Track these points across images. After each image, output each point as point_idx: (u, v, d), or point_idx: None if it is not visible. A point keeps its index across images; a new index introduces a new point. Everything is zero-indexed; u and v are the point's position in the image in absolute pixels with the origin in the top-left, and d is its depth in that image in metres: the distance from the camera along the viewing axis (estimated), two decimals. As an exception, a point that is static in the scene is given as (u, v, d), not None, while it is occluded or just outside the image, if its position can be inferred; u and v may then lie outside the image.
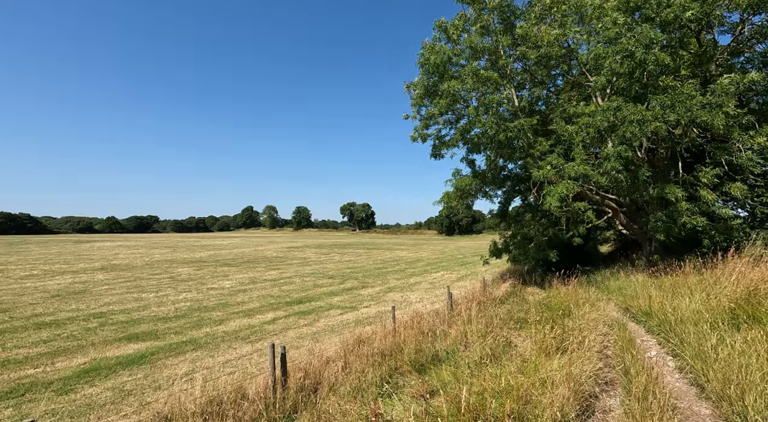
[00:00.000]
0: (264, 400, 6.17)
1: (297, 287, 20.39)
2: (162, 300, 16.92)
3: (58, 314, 14.25)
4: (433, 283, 21.63)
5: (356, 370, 7.12)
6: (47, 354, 9.95)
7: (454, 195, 15.32)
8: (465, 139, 14.75)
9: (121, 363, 9.41)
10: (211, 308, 15.34)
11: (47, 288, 19.66)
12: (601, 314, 8.31)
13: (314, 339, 11.09)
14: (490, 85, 13.59)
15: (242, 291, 19.03)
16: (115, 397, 7.55)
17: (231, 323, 13.11)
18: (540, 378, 4.79)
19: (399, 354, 7.83)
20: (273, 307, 15.53)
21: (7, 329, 12.21)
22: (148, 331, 12.08)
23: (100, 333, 11.85)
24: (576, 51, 14.71)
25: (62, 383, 8.20)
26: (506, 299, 12.48)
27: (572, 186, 12.02)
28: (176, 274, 25.39)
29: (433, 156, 16.15)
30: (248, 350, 10.41)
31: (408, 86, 15.31)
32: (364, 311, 14.91)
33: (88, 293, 18.49)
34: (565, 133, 13.16)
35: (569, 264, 15.83)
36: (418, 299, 16.97)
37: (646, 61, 11.32)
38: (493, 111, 13.23)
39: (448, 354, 7.42)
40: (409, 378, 6.70)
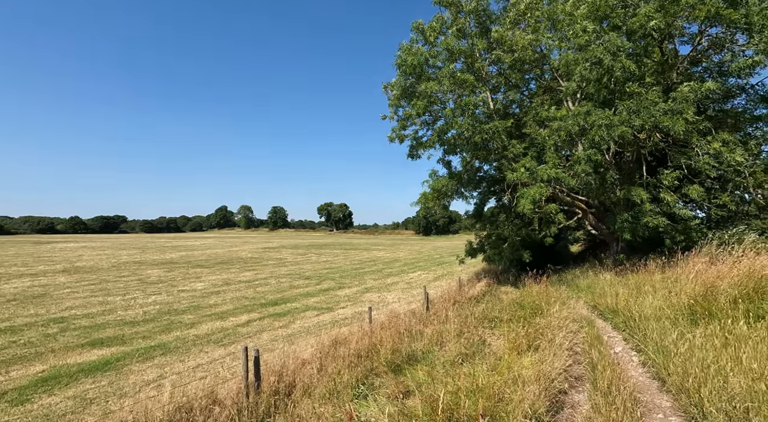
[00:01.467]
0: (236, 405, 6.02)
1: (272, 288, 20.04)
2: (129, 303, 16.26)
3: (14, 319, 13.45)
4: (410, 283, 21.75)
5: (332, 372, 7.06)
6: (1, 363, 9.37)
7: (431, 196, 15.45)
8: (442, 140, 14.91)
9: (84, 370, 8.97)
10: (182, 311, 14.86)
11: (2, 292, 18.51)
12: (571, 312, 8.57)
13: (289, 341, 10.93)
14: (467, 88, 13.79)
15: (215, 293, 18.53)
16: (75, 406, 7.18)
17: (203, 326, 12.74)
18: (512, 376, 4.89)
19: (375, 354, 7.81)
20: (247, 309, 15.20)
21: (-43, 337, 11.42)
22: (113, 336, 11.57)
23: (61, 339, 11.26)
24: (548, 56, 15.15)
25: (17, 393, 7.74)
26: (481, 298, 12.69)
27: (545, 189, 12.36)
28: (145, 276, 24.45)
29: (410, 156, 16.24)
30: (221, 354, 10.14)
31: (386, 87, 15.34)
32: (341, 312, 14.82)
33: (48, 297, 17.54)
34: (538, 137, 13.53)
35: (542, 263, 16.28)
36: (395, 299, 17.02)
37: (614, 68, 11.78)
38: (469, 113, 13.44)
39: (424, 354, 7.46)
40: (385, 379, 6.69)
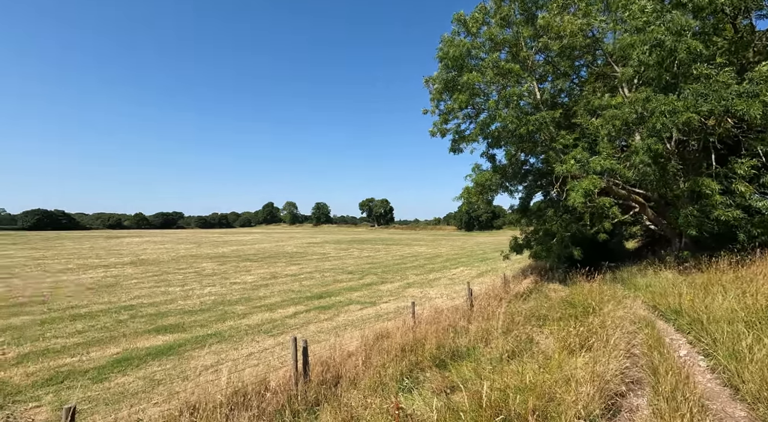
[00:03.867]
0: (287, 392, 6.30)
1: (317, 282, 20.65)
2: (188, 293, 17.46)
3: (91, 306, 14.91)
4: (452, 279, 21.51)
5: (377, 365, 7.18)
6: (83, 345, 10.44)
7: (474, 190, 15.13)
8: (485, 134, 14.52)
9: (151, 353, 9.78)
10: (235, 302, 15.73)
11: (81, 282, 20.59)
12: (627, 312, 8.08)
13: (335, 334, 11.23)
14: (511, 78, 13.31)
15: (264, 286, 19.42)
16: (145, 386, 7.86)
17: (254, 317, 13.41)
18: (563, 375, 4.71)
19: (419, 349, 7.85)
20: (294, 302, 15.79)
21: (46, 320, 12.87)
22: (175, 324, 12.49)
23: (131, 325, 12.34)
24: (601, 41, 14.22)
25: (97, 372, 8.60)
26: (528, 296, 12.29)
27: (597, 181, 11.68)
28: (201, 269, 26.13)
29: (452, 151, 15.99)
30: (271, 343, 10.63)
31: (427, 81, 15.17)
32: (384, 306, 14.99)
33: (118, 286, 19.26)
34: (589, 126, 12.78)
35: (593, 260, 15.43)
36: (437, 295, 16.92)
37: (677, 50, 10.83)
38: (513, 104, 12.97)
39: (469, 351, 7.37)
40: (430, 374, 6.70)
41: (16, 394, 7.39)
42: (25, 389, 7.68)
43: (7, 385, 7.85)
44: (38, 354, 9.70)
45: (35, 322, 12.62)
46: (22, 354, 9.63)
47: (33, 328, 11.94)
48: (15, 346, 10.25)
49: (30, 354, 9.70)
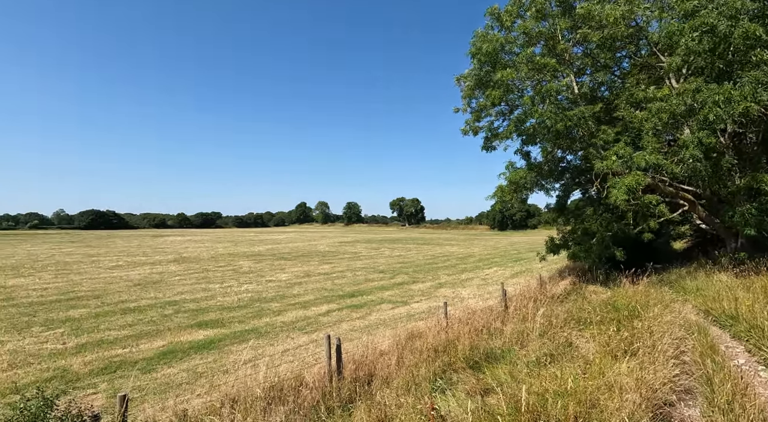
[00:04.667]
0: (321, 389, 6.42)
1: (349, 281, 20.90)
2: (226, 290, 18.18)
3: (139, 301, 15.86)
4: (485, 279, 21.11)
5: (409, 364, 7.17)
6: (132, 337, 11.13)
7: (508, 189, 14.74)
8: (519, 131, 14.11)
9: (193, 347, 10.26)
10: (270, 299, 16.20)
11: (130, 278, 21.94)
12: (676, 316, 7.60)
13: (367, 333, 11.32)
14: (547, 73, 12.85)
15: (298, 284, 19.88)
16: (189, 378, 8.26)
17: (288, 314, 13.76)
18: (606, 381, 4.50)
19: (452, 350, 7.76)
20: (327, 300, 16.06)
21: (100, 313, 13.82)
22: (215, 319, 13.05)
23: (175, 320, 13.01)
24: (645, 29, 13.44)
25: (145, 363, 9.13)
26: (566, 297, 11.84)
27: (642, 177, 11.05)
28: (238, 267, 27.12)
29: (484, 149, 15.67)
30: (305, 340, 10.87)
31: (458, 78, 14.95)
32: (415, 306, 14.94)
33: (163, 283, 20.36)
34: (633, 120, 12.12)
35: (637, 261, 14.63)
36: (470, 295, 16.66)
37: (732, 35, 10.06)
38: (550, 99, 12.52)
39: (504, 353, 7.21)
40: (463, 375, 6.61)
41: (75, 381, 7.99)
42: (83, 377, 8.29)
43: (68, 372, 8.50)
44: (94, 344, 10.44)
45: (91, 315, 13.58)
46: (80, 345, 10.40)
47: (89, 320, 12.86)
48: (74, 337, 11.08)
49: (87, 344, 10.45)
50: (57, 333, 11.40)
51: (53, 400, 3.82)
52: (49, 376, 8.26)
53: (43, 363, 9.06)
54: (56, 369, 8.73)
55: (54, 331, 11.62)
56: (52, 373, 8.46)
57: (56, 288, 18.62)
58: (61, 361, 9.20)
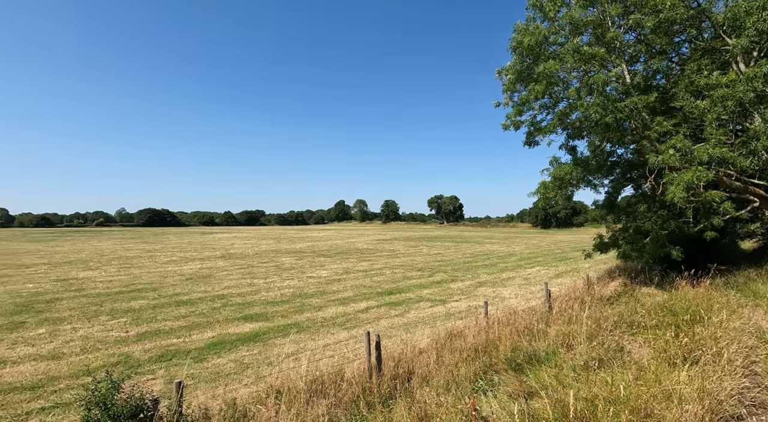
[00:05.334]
0: (361, 384, 6.51)
1: (387, 278, 21.00)
2: (270, 286, 18.89)
3: (191, 294, 16.87)
4: (527, 279, 20.42)
5: (448, 364, 7.10)
6: (185, 328, 11.86)
7: (552, 185, 14.13)
8: (564, 124, 13.48)
9: (240, 339, 10.77)
10: (311, 295, 16.64)
11: (183, 272, 23.39)
12: (745, 323, 6.96)
13: (405, 330, 11.33)
14: (595, 63, 12.16)
15: (337, 281, 20.27)
16: (236, 368, 8.68)
17: (328, 310, 14.06)
18: (662, 390, 4.21)
19: (493, 351, 7.60)
20: (365, 297, 16.25)
21: (157, 305, 14.85)
22: (259, 313, 13.60)
23: (223, 312, 13.71)
24: (708, 11, 12.34)
25: (197, 352, 9.71)
26: (616, 299, 11.19)
27: (703, 172, 10.17)
28: (280, 263, 28.09)
29: (526, 144, 15.13)
30: (344, 336, 11.07)
31: (499, 72, 14.51)
32: (454, 305, 14.75)
33: (212, 277, 21.51)
34: (693, 110, 11.19)
35: (697, 262, 13.52)
36: (511, 295, 16.20)
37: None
38: (598, 91, 11.84)
39: (548, 355, 6.94)
40: (505, 377, 6.45)
41: (137, 367, 8.65)
42: (143, 363, 8.95)
43: (130, 358, 9.22)
44: (152, 333, 11.24)
45: (149, 306, 14.63)
46: (140, 333, 11.24)
47: (147, 311, 13.86)
48: (135, 326, 12.00)
49: (146, 333, 11.28)
50: (120, 322, 12.40)
51: (119, 383, 4.17)
52: (114, 361, 9.00)
53: (109, 349, 9.89)
54: (120, 355, 9.50)
55: (118, 320, 12.65)
56: (116, 359, 9.21)
57: (119, 281, 20.24)
58: (124, 348, 9.99)
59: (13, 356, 9.39)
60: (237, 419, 5.12)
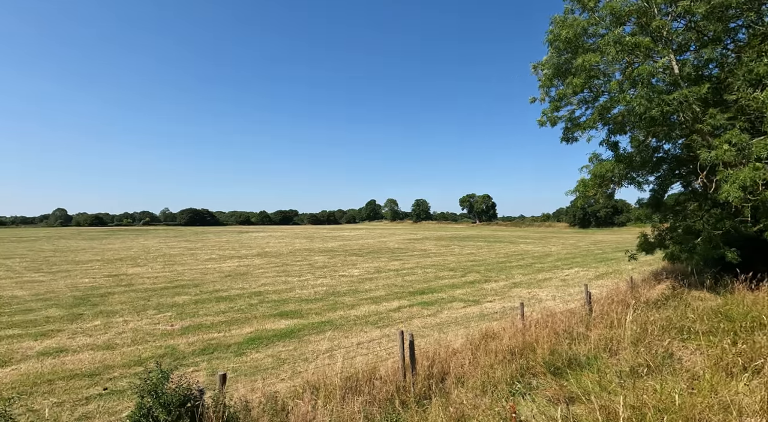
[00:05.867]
0: (395, 382, 6.54)
1: (419, 278, 20.93)
2: (304, 284, 19.33)
3: (230, 291, 17.56)
4: (565, 280, 19.70)
5: (484, 365, 6.99)
6: (225, 323, 12.37)
7: (592, 183, 13.52)
8: (605, 119, 12.86)
9: (276, 335, 11.09)
10: (343, 293, 16.87)
11: (222, 270, 24.38)
12: (812, 331, 6.37)
13: (438, 330, 11.25)
14: (640, 53, 11.51)
15: (369, 280, 20.42)
16: (273, 363, 8.95)
17: (361, 308, 14.20)
18: (719, 400, 3.94)
19: (531, 353, 7.40)
20: (397, 296, 16.27)
21: (198, 300, 15.58)
22: (294, 310, 13.95)
23: (260, 309, 14.17)
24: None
25: (236, 347, 10.09)
26: (663, 303, 10.57)
27: (762, 170, 9.40)
28: (313, 261, 28.67)
29: (564, 140, 14.56)
30: (377, 334, 11.14)
31: (535, 67, 14.06)
32: (488, 305, 14.48)
33: (249, 275, 22.28)
34: (752, 102, 10.36)
35: (756, 264, 12.50)
36: (548, 297, 15.70)
37: None
38: (642, 83, 11.20)
39: (589, 360, 6.68)
40: (543, 380, 6.27)
41: (182, 359, 9.12)
42: (188, 355, 9.42)
43: (175, 351, 9.74)
44: (195, 328, 11.80)
45: (192, 301, 15.37)
46: (184, 327, 11.84)
47: (190, 306, 14.57)
48: (179, 320, 12.65)
49: (189, 327, 11.86)
50: (166, 316, 13.11)
51: (168, 374, 4.41)
52: (161, 353, 9.53)
53: (157, 342, 10.48)
54: (166, 347, 10.04)
55: (164, 314, 13.38)
56: (163, 350, 9.75)
57: (164, 277, 21.40)
58: (170, 341, 10.55)
59: (74, 345, 10.16)
60: (276, 412, 5.28)
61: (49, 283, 19.50)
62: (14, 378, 8.07)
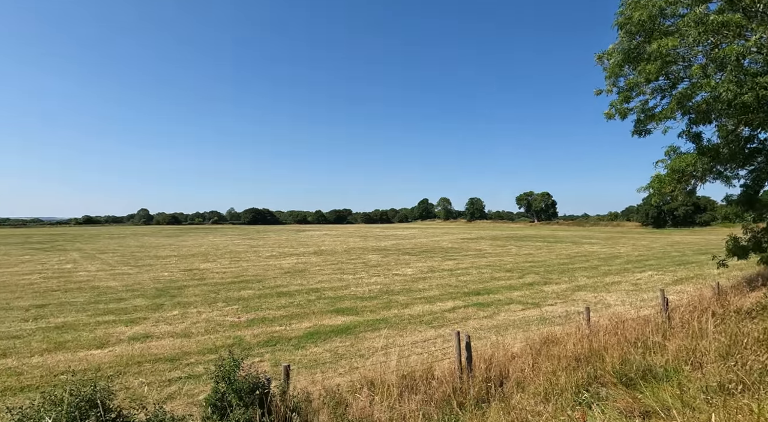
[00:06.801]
0: (451, 384, 6.47)
1: (474, 278, 20.46)
2: (358, 281, 19.75)
3: (290, 287, 18.44)
4: (636, 285, 18.15)
5: (546, 371, 6.68)
6: (286, 317, 13.02)
7: (669, 178, 12.29)
8: (685, 108, 11.60)
9: (333, 331, 11.46)
10: (397, 292, 16.98)
11: (282, 266, 25.68)
12: None
13: (495, 332, 10.94)
14: (729, 33, 10.23)
15: (422, 279, 20.35)
16: (331, 358, 9.26)
17: (414, 307, 14.21)
18: (835, 429, 3.41)
19: (597, 361, 6.93)
20: (452, 296, 16.05)
21: (261, 295, 16.56)
22: (350, 307, 14.31)
23: (317, 305, 14.73)
24: None
25: (296, 340, 10.59)
26: (759, 313, 9.32)
27: None
28: (367, 260, 29.17)
29: (636, 133, 13.36)
30: (432, 334, 11.08)
31: (600, 56, 13.05)
32: (549, 309, 13.78)
33: (306, 272, 23.24)
34: None
35: None
36: (617, 301, 14.57)
37: None
38: (732, 66, 9.96)
39: (667, 372, 6.10)
40: (613, 391, 5.84)
41: (249, 349, 9.76)
42: (253, 346, 10.07)
43: (242, 341, 10.45)
44: (259, 320, 12.57)
45: (255, 296, 16.38)
46: (249, 320, 12.65)
47: (254, 300, 15.53)
48: (245, 313, 13.54)
49: (254, 320, 12.65)
50: (233, 309, 14.10)
51: (240, 362, 4.76)
52: (231, 343, 10.27)
53: (226, 332, 11.32)
54: (234, 337, 10.81)
55: (231, 307, 14.40)
56: (232, 340, 10.51)
57: (231, 272, 23.02)
58: (237, 332, 11.34)
59: (157, 332, 11.30)
60: (337, 405, 5.47)
61: (136, 276, 21.85)
62: (111, 358, 9.17)
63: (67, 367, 8.48)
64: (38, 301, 15.29)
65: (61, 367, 8.56)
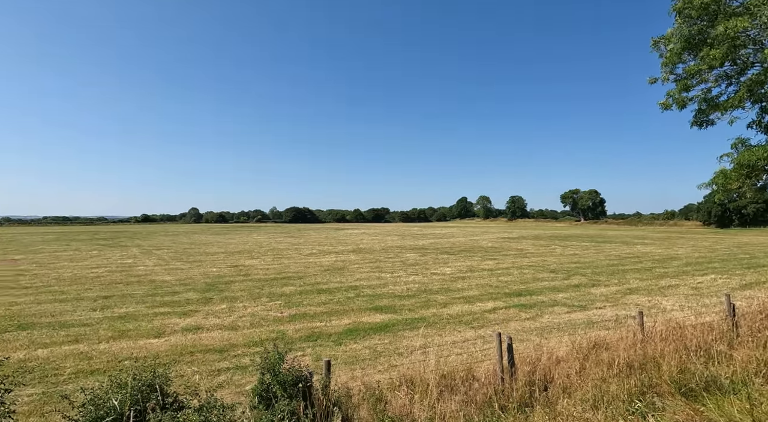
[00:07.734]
0: (493, 386, 6.32)
1: (515, 279, 19.85)
2: (396, 280, 19.79)
3: (329, 284, 18.83)
4: (697, 289, 16.78)
5: (594, 377, 6.35)
6: (326, 313, 13.31)
7: (735, 174, 11.24)
8: (756, 96, 10.55)
9: (372, 328, 11.56)
10: (435, 291, 16.83)
11: (321, 264, 26.28)
12: None
13: (538, 335, 10.57)
14: (808, 9, 9.17)
15: (461, 279, 20.03)
16: (370, 355, 9.36)
17: (453, 307, 14.01)
18: None
19: (652, 369, 6.50)
20: (492, 297, 15.67)
21: (302, 291, 17.04)
22: (388, 305, 14.37)
23: (356, 302, 14.93)
24: None
25: (336, 337, 10.80)
26: None
27: None
28: (405, 259, 29.15)
29: (696, 124, 12.35)
30: (471, 335, 10.88)
31: (656, 42, 12.15)
32: (597, 312, 13.09)
33: (345, 270, 23.61)
34: None
35: None
36: (674, 306, 13.57)
37: None
38: (812, 45, 8.94)
39: (735, 384, 5.61)
40: (671, 402, 5.46)
41: (291, 343, 10.08)
42: (295, 341, 10.39)
43: (285, 336, 10.82)
44: (300, 316, 12.95)
45: (296, 292, 16.89)
46: (291, 315, 13.07)
47: (295, 296, 16.02)
48: (287, 308, 14.00)
49: (296, 315, 13.05)
50: (276, 304, 14.62)
51: (284, 355, 4.93)
52: (274, 336, 10.67)
53: (270, 326, 11.77)
54: (277, 332, 11.21)
55: (274, 302, 14.94)
56: (275, 334, 10.91)
57: (273, 269, 23.89)
58: (280, 326, 11.76)
59: (206, 324, 11.97)
60: (377, 401, 5.52)
61: (187, 271, 23.26)
62: (166, 347, 9.84)
63: (130, 354, 9.21)
64: (104, 293, 16.70)
65: (125, 354, 9.31)
